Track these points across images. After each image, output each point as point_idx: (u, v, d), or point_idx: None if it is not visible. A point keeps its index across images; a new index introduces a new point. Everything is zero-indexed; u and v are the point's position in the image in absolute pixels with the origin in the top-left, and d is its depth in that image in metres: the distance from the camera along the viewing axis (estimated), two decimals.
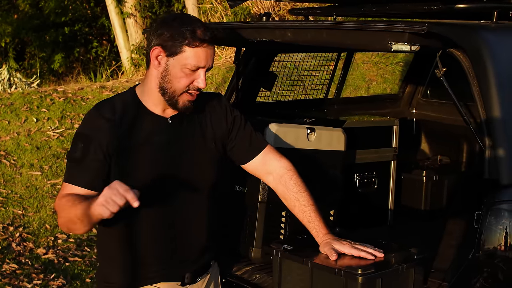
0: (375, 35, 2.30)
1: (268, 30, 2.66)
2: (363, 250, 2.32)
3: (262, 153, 2.43)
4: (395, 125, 3.43)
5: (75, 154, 2.20)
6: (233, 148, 2.43)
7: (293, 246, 2.46)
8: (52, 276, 4.58)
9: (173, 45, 2.16)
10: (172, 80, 2.19)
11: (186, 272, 2.35)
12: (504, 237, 2.33)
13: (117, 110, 2.24)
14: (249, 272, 2.80)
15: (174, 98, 2.20)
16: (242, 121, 2.44)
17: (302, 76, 4.11)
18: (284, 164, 2.43)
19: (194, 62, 2.16)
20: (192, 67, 2.17)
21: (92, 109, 2.28)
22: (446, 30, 2.29)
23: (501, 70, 2.43)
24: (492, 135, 2.36)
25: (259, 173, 2.47)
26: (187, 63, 2.16)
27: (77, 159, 2.19)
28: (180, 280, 2.35)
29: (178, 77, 2.18)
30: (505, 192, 2.35)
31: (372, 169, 3.37)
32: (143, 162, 2.23)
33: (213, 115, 2.39)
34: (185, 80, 2.18)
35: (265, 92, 3.76)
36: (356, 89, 8.06)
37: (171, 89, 2.20)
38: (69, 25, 10.69)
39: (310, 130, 2.90)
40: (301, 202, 2.39)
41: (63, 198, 2.17)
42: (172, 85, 2.19)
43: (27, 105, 7.13)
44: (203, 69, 2.20)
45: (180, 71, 2.17)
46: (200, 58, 2.17)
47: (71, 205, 2.12)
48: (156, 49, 2.19)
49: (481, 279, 2.36)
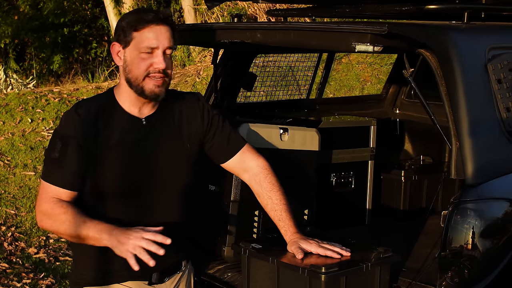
0: (339, 36, 2.33)
1: (239, 31, 2.69)
2: (330, 249, 2.34)
3: (240, 152, 2.46)
4: (372, 125, 3.45)
5: (54, 154, 2.23)
6: (212, 148, 2.46)
7: (262, 245, 2.48)
8: (42, 275, 4.60)
9: (124, 36, 2.22)
10: (132, 69, 2.23)
11: (154, 271, 2.36)
12: (470, 236, 2.35)
13: (94, 110, 2.27)
14: (221, 271, 2.83)
15: (139, 85, 2.23)
16: (220, 121, 2.47)
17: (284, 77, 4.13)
18: (260, 163, 2.47)
19: (145, 44, 2.20)
20: (145, 49, 2.20)
21: (70, 108, 2.31)
22: (408, 30, 2.31)
23: (469, 71, 2.45)
24: (459, 135, 2.38)
25: (236, 171, 2.51)
26: (139, 47, 2.20)
27: (57, 159, 2.22)
28: (147, 279, 2.37)
29: (136, 63, 2.22)
30: (470, 191, 2.38)
31: (349, 169, 3.39)
32: (116, 162, 2.26)
33: (190, 114, 2.41)
34: (143, 64, 2.21)
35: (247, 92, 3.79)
36: (350, 89, 8.07)
37: (133, 77, 2.23)
38: (69, 26, 10.74)
39: (283, 130, 2.92)
40: (273, 200, 2.42)
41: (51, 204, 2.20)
42: (133, 73, 2.23)
43: (22, 105, 7.19)
44: (158, 49, 2.22)
45: (136, 58, 2.21)
46: (149, 39, 2.20)
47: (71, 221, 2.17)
48: (114, 45, 2.26)
49: (447, 277, 2.38)
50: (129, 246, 2.08)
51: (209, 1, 3.21)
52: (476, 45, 2.55)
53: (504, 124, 2.49)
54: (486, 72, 2.49)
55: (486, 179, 2.39)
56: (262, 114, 3.50)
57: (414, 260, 2.87)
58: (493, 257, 2.38)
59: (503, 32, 2.82)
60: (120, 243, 2.10)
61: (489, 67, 2.49)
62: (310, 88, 4.02)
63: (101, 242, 2.16)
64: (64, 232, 2.20)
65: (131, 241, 2.09)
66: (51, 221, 2.21)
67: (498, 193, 2.45)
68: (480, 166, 2.36)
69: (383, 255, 2.41)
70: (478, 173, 2.35)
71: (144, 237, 2.10)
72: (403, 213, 3.73)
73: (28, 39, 10.88)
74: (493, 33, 2.75)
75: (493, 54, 2.54)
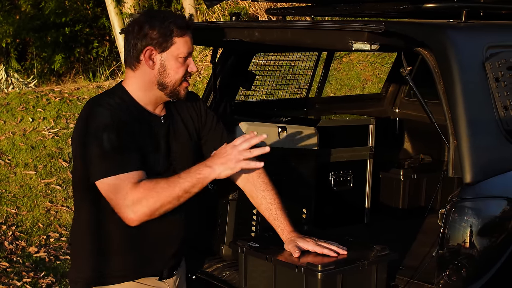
0: (336, 34, 2.33)
1: (237, 30, 2.70)
2: (327, 248, 2.36)
3: None
4: (371, 124, 3.45)
5: (105, 147, 2.18)
6: (204, 147, 2.50)
7: (259, 244, 2.49)
8: (42, 274, 4.61)
9: (164, 41, 2.27)
10: (170, 73, 2.30)
11: (165, 268, 2.41)
12: (467, 234, 2.35)
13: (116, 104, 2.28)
14: (219, 269, 2.83)
15: (176, 89, 2.32)
16: (215, 120, 2.53)
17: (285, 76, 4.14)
18: None
19: (186, 50, 2.30)
20: (185, 54, 2.30)
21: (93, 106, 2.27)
22: (405, 29, 2.32)
23: (467, 69, 2.45)
24: (456, 134, 2.38)
25: None
26: (180, 52, 2.29)
27: (117, 148, 2.19)
28: (159, 275, 2.41)
29: (175, 68, 2.30)
30: (468, 189, 2.37)
31: (348, 168, 3.39)
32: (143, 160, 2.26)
33: (192, 113, 2.49)
34: (182, 69, 2.31)
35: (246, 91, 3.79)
36: (351, 88, 8.08)
37: (172, 81, 2.31)
38: (70, 25, 10.76)
39: (281, 129, 2.93)
40: (268, 200, 2.44)
41: (138, 187, 2.15)
42: (172, 78, 2.30)
43: (23, 105, 7.20)
44: (191, 55, 2.34)
45: (176, 63, 2.29)
46: (189, 45, 2.31)
47: (165, 185, 2.16)
48: (148, 49, 2.28)
49: (445, 276, 2.38)
50: (234, 161, 2.18)
51: (208, 0, 3.21)
52: (474, 43, 2.54)
53: (501, 123, 2.48)
54: (484, 71, 2.48)
55: (484, 177, 2.38)
56: (261, 112, 3.51)
57: (412, 258, 2.87)
58: (491, 256, 2.38)
59: (501, 31, 2.82)
60: (224, 164, 2.19)
61: (487, 66, 2.49)
62: (310, 87, 4.03)
63: (208, 179, 2.21)
64: (168, 198, 2.17)
65: (231, 156, 2.18)
66: (152, 200, 2.15)
67: (496, 191, 2.45)
68: (477, 164, 2.36)
69: (380, 253, 2.42)
70: (476, 172, 2.35)
71: (239, 149, 2.19)
72: (402, 212, 3.74)
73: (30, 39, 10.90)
74: (491, 31, 2.75)
75: (491, 52, 2.54)
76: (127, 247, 2.32)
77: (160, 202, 2.17)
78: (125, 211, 2.17)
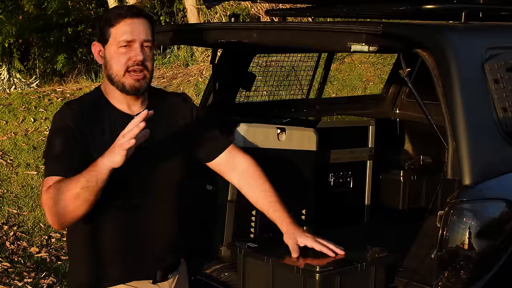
0: (334, 35, 2.33)
1: (236, 31, 2.70)
2: (325, 245, 2.36)
3: (227, 150, 2.47)
4: (371, 125, 3.45)
5: (55, 149, 2.20)
6: (198, 147, 2.47)
7: (257, 244, 2.49)
8: (43, 274, 4.62)
9: (103, 33, 2.24)
10: (112, 64, 2.24)
11: (158, 270, 2.37)
12: (466, 236, 2.35)
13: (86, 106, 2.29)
14: (218, 271, 2.83)
15: (120, 81, 2.24)
16: (207, 121, 2.49)
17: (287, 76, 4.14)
18: (248, 159, 2.47)
19: (121, 38, 2.22)
20: (122, 43, 2.22)
21: (61, 107, 2.31)
22: (403, 30, 2.31)
23: (466, 71, 2.45)
24: (455, 136, 2.38)
25: (223, 170, 2.50)
26: (117, 41, 2.22)
27: (59, 152, 2.19)
28: (152, 278, 2.38)
29: (115, 58, 2.23)
30: (467, 191, 2.37)
31: (347, 169, 3.39)
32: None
33: (180, 114, 2.43)
34: (122, 57, 2.22)
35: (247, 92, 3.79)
36: (353, 89, 8.08)
37: (114, 72, 2.24)
38: (73, 25, 10.76)
39: (280, 130, 2.93)
40: (267, 193, 2.43)
41: (51, 189, 2.13)
42: (113, 69, 2.24)
43: (25, 105, 7.22)
44: (135, 42, 2.24)
45: (115, 53, 2.23)
46: (125, 32, 2.22)
47: (67, 184, 2.09)
48: (95, 45, 2.28)
49: (444, 278, 2.38)
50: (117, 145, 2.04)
51: (208, 1, 3.22)
52: (473, 45, 2.54)
53: (501, 124, 2.48)
54: (483, 72, 2.48)
55: (482, 179, 2.38)
56: (260, 113, 3.51)
57: (411, 260, 2.86)
58: (489, 257, 2.38)
59: (501, 32, 2.81)
60: (111, 152, 2.05)
61: (486, 67, 2.49)
62: (310, 88, 4.03)
63: (102, 173, 2.07)
64: (69, 196, 2.08)
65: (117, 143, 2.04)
66: (59, 198, 2.10)
67: (494, 193, 2.45)
68: (476, 166, 2.35)
69: (378, 255, 2.41)
70: (475, 174, 2.34)
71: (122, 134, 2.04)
72: (402, 213, 3.73)
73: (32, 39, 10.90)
74: (490, 33, 2.75)
75: (490, 54, 2.53)
76: (116, 250, 2.30)
77: (62, 203, 2.10)
78: (47, 216, 2.17)
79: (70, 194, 2.08)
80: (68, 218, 2.13)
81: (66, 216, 2.13)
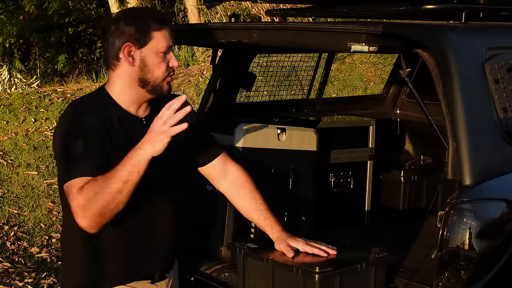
0: (334, 36, 2.33)
1: (235, 31, 2.70)
2: (316, 247, 2.38)
3: (220, 157, 2.50)
4: (371, 126, 3.45)
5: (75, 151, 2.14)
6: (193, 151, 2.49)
7: (257, 245, 2.50)
8: (44, 274, 4.62)
9: (142, 36, 2.22)
10: (152, 69, 2.24)
11: (157, 270, 2.39)
12: (466, 236, 2.35)
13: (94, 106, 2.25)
14: (218, 271, 2.83)
15: (158, 85, 2.26)
16: (204, 126, 2.53)
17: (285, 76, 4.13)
18: (239, 168, 2.51)
19: (165, 44, 2.24)
20: (165, 49, 2.24)
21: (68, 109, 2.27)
22: (403, 30, 2.31)
23: (466, 71, 2.45)
24: (455, 136, 2.38)
25: (214, 176, 2.52)
26: (160, 46, 2.23)
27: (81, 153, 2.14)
28: (151, 278, 2.39)
29: (156, 63, 2.24)
30: (467, 192, 2.37)
31: (348, 169, 3.39)
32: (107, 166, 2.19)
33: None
34: (163, 64, 2.25)
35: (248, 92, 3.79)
36: (353, 89, 8.08)
37: (153, 77, 2.25)
38: (73, 26, 10.78)
39: (281, 130, 2.93)
40: (257, 200, 2.46)
41: (84, 190, 2.07)
42: (153, 74, 2.25)
43: (25, 105, 7.22)
44: (171, 48, 2.28)
45: (156, 58, 2.24)
46: (168, 38, 2.25)
47: (104, 182, 2.05)
48: (126, 46, 2.22)
49: (444, 278, 2.37)
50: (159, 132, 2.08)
51: (208, 1, 3.22)
52: (474, 45, 2.54)
53: (501, 125, 2.48)
54: (483, 72, 2.48)
55: (483, 179, 2.38)
56: (261, 114, 3.51)
57: (412, 260, 2.86)
58: (489, 258, 2.38)
59: (501, 32, 2.81)
60: (151, 141, 2.08)
61: (487, 67, 2.49)
62: (310, 88, 4.03)
63: (142, 163, 2.08)
64: (110, 194, 2.05)
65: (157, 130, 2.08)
66: (95, 201, 2.05)
67: (495, 193, 2.45)
68: (477, 166, 2.36)
69: (378, 255, 2.41)
70: (475, 174, 2.35)
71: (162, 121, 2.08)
72: (402, 214, 3.73)
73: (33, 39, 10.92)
74: (490, 33, 2.75)
75: (491, 54, 2.53)
76: (115, 250, 2.30)
77: (103, 201, 2.06)
78: (77, 219, 2.10)
79: (112, 191, 2.06)
80: (109, 216, 2.09)
81: (107, 215, 2.09)
